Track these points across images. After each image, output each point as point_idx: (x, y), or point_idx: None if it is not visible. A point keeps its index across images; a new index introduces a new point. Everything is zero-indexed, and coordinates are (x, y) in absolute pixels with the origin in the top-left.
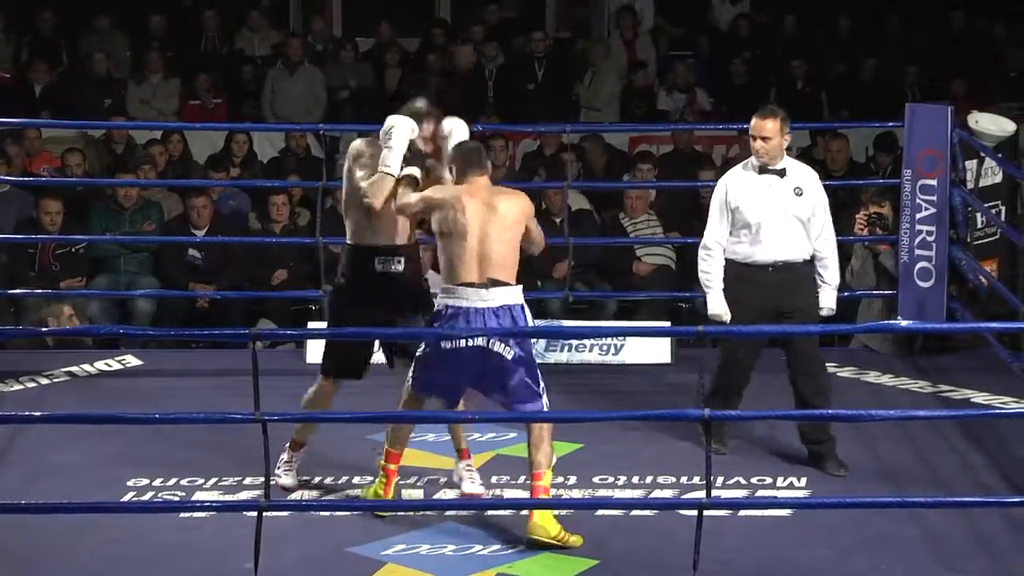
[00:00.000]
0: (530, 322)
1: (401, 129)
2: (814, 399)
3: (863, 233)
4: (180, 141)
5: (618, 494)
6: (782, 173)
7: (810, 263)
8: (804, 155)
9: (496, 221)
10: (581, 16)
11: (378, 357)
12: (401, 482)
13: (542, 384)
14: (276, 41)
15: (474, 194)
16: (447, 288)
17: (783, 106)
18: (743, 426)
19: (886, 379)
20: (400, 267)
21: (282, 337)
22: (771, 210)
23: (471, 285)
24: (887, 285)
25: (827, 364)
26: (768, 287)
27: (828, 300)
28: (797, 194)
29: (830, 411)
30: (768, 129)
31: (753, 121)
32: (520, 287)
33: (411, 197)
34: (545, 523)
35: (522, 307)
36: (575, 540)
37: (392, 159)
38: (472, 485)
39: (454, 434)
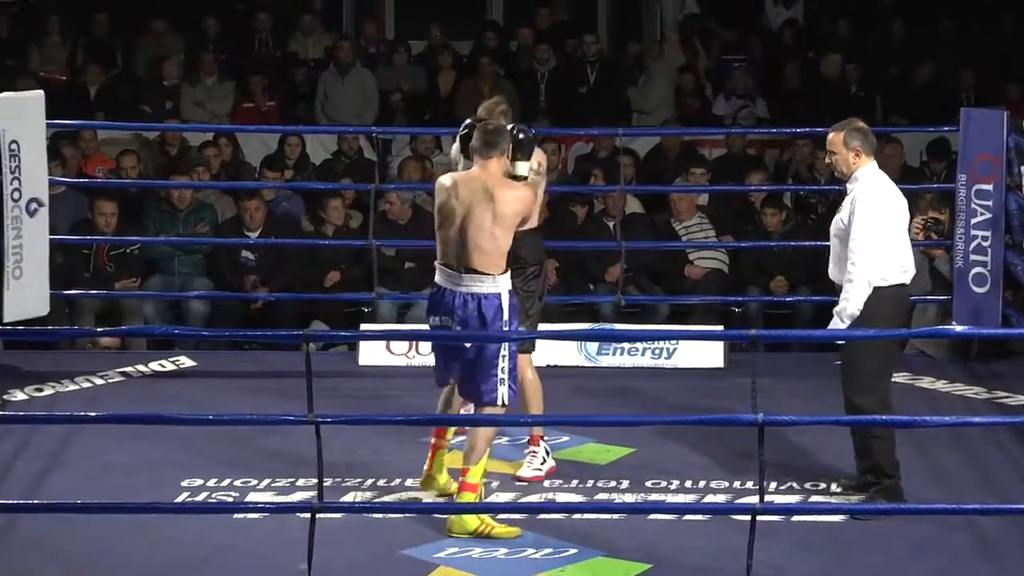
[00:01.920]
0: (504, 314)
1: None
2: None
3: (919, 238)
4: (228, 144)
5: (670, 499)
6: (848, 190)
7: None
8: None
9: (487, 211)
10: (633, 19)
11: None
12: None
13: (501, 376)
14: (329, 44)
15: (475, 179)
16: (437, 264)
17: (836, 111)
18: (796, 430)
19: (940, 385)
20: None
21: (335, 339)
22: (832, 228)
23: (449, 267)
24: (942, 290)
25: None
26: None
27: (831, 324)
28: (839, 212)
29: (884, 416)
30: (830, 142)
31: None
32: (502, 276)
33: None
34: (462, 518)
35: (496, 296)
36: (503, 530)
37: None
38: (527, 470)
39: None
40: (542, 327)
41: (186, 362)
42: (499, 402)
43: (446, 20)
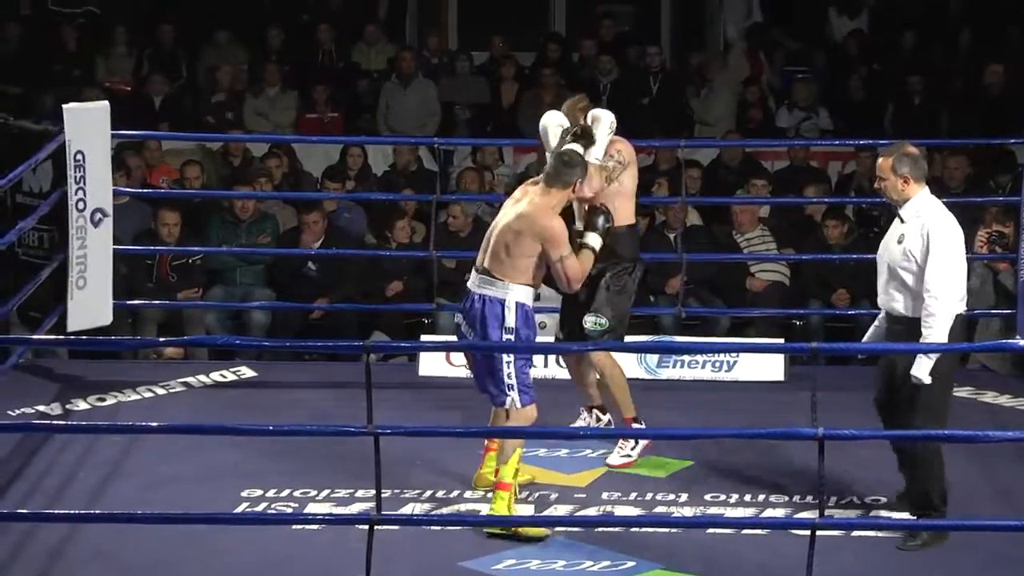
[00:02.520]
0: (508, 321)
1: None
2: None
3: (983, 251)
4: (285, 155)
5: (729, 512)
6: (903, 218)
7: (916, 320)
8: None
9: (508, 220)
10: (696, 30)
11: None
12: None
13: (509, 381)
14: (391, 55)
15: (527, 195)
16: None
17: (900, 122)
18: (856, 445)
19: (1004, 399)
20: None
21: (396, 350)
22: (881, 257)
23: (474, 266)
24: (1006, 304)
25: None
26: (884, 337)
27: (916, 365)
28: (899, 241)
29: (947, 431)
30: (879, 167)
31: None
32: (516, 286)
33: None
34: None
35: (499, 303)
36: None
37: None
38: (616, 456)
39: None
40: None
41: (247, 372)
42: (507, 406)
43: (508, 31)
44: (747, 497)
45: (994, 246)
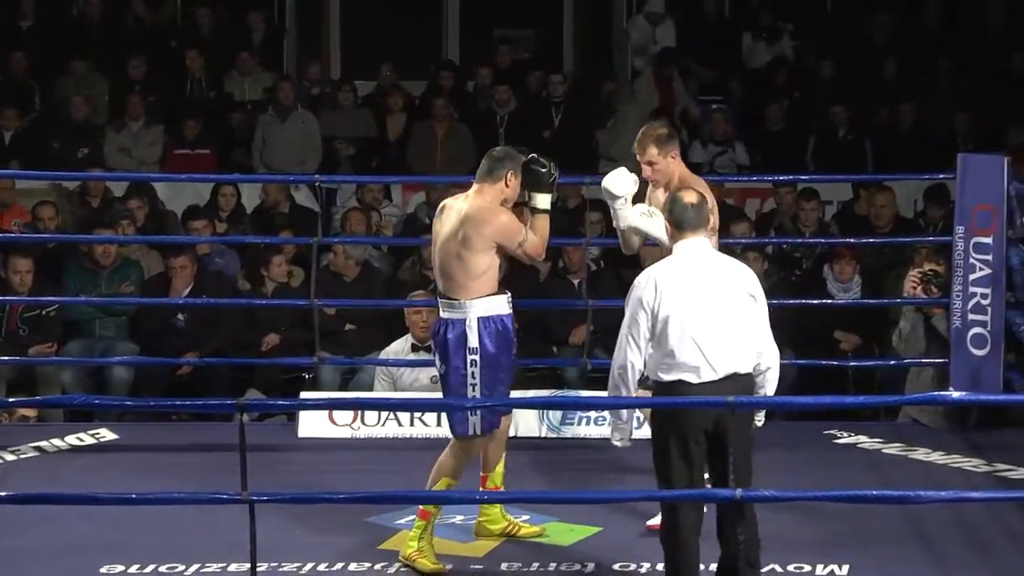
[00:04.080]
0: (471, 342)
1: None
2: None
3: (916, 293)
4: (148, 196)
5: None
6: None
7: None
8: (847, 209)
9: (455, 234)
10: (602, 56)
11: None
12: None
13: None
14: (268, 85)
15: (458, 203)
16: None
17: (824, 156)
18: (778, 507)
19: (937, 456)
20: None
21: (273, 408)
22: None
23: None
24: (938, 352)
25: (874, 438)
26: None
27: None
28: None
29: (875, 492)
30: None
31: None
32: (472, 301)
33: None
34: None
35: (460, 323)
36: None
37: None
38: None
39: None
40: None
41: (107, 435)
42: (470, 433)
43: (397, 59)
44: (659, 566)
45: (929, 286)
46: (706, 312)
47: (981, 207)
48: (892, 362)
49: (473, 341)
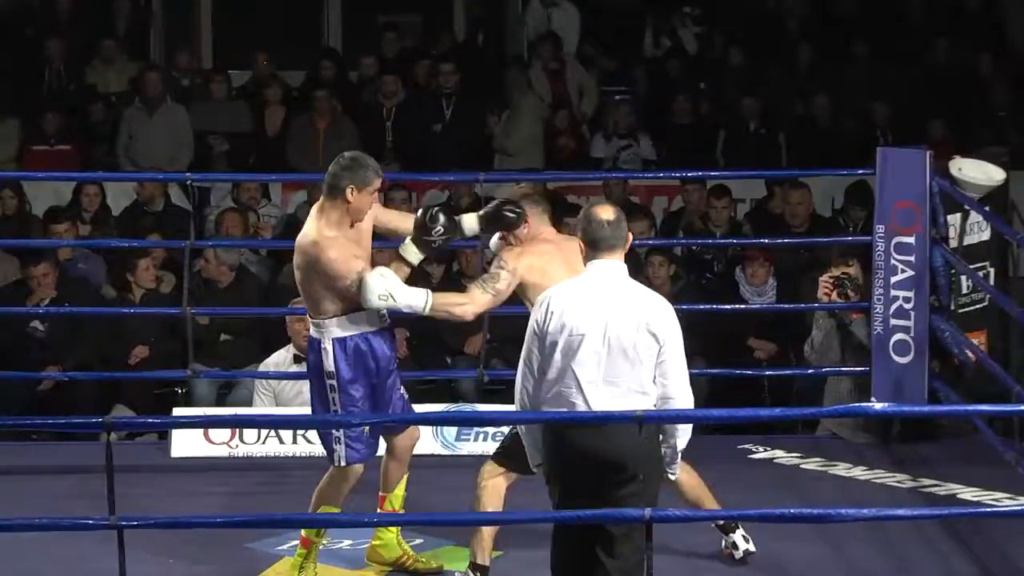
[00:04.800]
0: (327, 365)
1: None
2: None
3: (829, 299)
4: (14, 195)
5: None
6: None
7: None
8: (760, 207)
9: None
10: (495, 43)
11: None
12: None
13: (336, 434)
14: (133, 75)
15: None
16: None
17: (734, 150)
18: (691, 528)
19: (858, 472)
20: None
21: (143, 427)
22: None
23: None
24: (857, 360)
25: (791, 453)
26: None
27: None
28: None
29: (793, 510)
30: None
31: None
32: (327, 321)
33: None
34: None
35: (316, 342)
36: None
37: None
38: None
39: None
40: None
41: None
42: (336, 463)
43: (274, 47)
44: None
45: (843, 291)
46: (595, 345)
47: (902, 204)
48: (810, 371)
49: (328, 364)
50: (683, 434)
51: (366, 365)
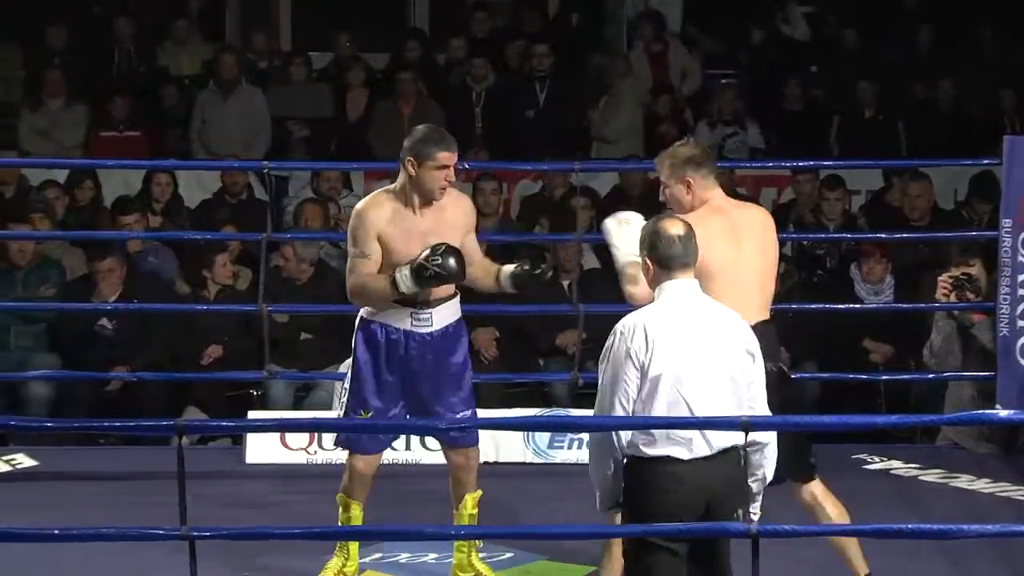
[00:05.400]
0: (355, 346)
1: None
2: None
3: (948, 300)
4: (92, 186)
5: None
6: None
7: None
8: (877, 200)
9: None
10: (593, 24)
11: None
12: None
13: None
14: (208, 57)
15: None
16: None
17: (849, 137)
18: (800, 543)
19: (981, 484)
20: None
21: (216, 431)
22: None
23: None
24: (979, 365)
25: (909, 464)
26: None
27: None
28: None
29: (911, 525)
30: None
31: None
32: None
33: None
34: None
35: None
36: None
37: None
38: None
39: None
40: (481, 414)
41: (24, 461)
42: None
43: (357, 27)
44: None
45: (962, 292)
46: (703, 372)
47: None
48: (930, 376)
49: (353, 344)
50: (771, 462)
51: (388, 356)
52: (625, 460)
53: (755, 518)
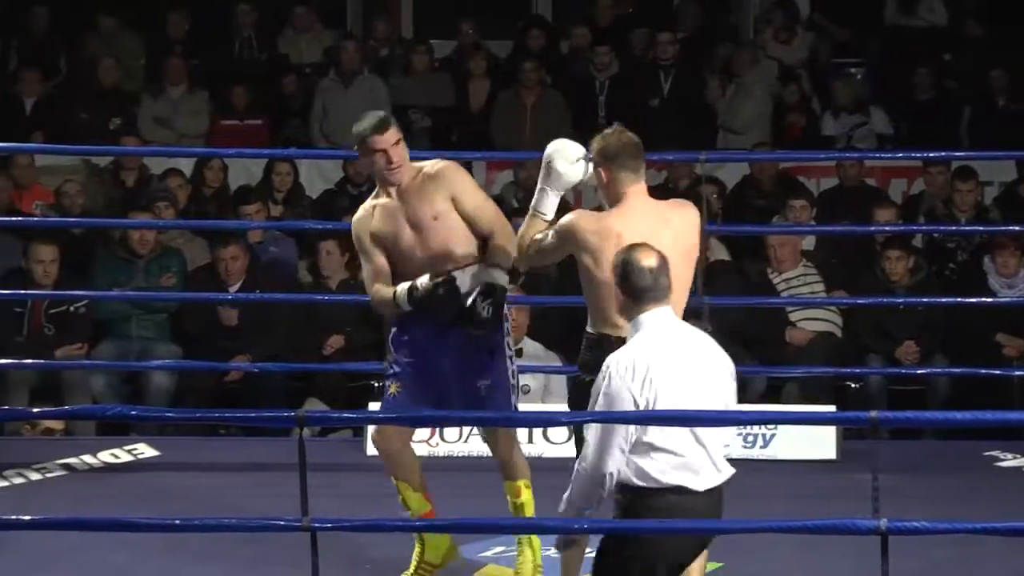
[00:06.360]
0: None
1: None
2: None
3: None
4: (219, 170)
5: None
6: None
7: None
8: (1010, 191)
9: None
10: (719, 12)
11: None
12: None
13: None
14: (329, 44)
15: None
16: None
17: (981, 127)
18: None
19: None
20: None
21: (337, 422)
22: None
23: None
24: None
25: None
26: None
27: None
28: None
29: None
30: None
31: None
32: None
33: None
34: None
35: None
36: None
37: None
38: None
39: None
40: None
41: (146, 451)
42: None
43: (479, 15)
44: None
45: None
46: (704, 404)
47: None
48: None
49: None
50: None
51: (409, 348)
52: (621, 494)
53: None
